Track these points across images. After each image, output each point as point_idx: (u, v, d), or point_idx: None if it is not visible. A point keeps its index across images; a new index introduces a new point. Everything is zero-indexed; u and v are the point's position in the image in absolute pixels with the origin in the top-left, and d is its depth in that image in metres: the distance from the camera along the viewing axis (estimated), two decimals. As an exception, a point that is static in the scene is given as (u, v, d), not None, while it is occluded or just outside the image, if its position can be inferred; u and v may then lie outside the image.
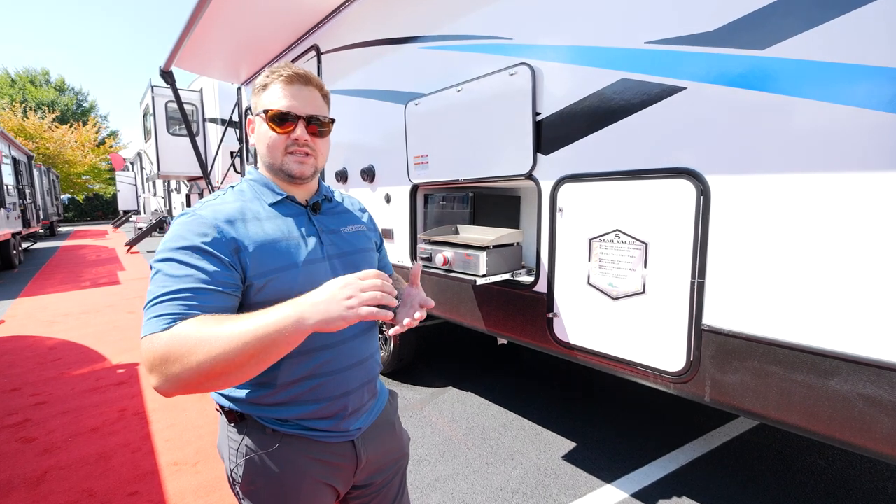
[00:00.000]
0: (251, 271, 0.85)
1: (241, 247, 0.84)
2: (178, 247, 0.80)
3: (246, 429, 0.93)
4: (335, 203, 1.08)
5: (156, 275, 0.79)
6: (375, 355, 1.07)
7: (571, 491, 2.15)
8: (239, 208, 0.89)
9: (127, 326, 4.95)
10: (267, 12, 3.30)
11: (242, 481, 0.93)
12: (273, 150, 0.93)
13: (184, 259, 0.79)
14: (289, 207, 0.96)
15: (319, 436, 0.94)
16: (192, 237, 0.81)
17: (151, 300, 0.76)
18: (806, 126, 1.23)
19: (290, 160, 0.93)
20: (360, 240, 1.06)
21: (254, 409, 0.92)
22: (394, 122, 2.75)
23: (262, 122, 0.93)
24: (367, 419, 1.03)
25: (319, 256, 0.94)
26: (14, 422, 2.83)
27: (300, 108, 0.91)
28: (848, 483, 2.20)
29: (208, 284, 0.78)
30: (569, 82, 1.81)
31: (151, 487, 2.17)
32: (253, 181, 0.97)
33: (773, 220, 1.30)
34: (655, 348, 1.62)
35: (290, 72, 0.92)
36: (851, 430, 1.21)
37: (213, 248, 0.81)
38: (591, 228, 1.79)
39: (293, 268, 0.89)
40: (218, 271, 0.80)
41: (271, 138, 0.92)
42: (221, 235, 0.82)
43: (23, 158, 11.65)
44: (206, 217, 0.84)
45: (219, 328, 0.71)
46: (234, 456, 0.94)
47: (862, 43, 1.12)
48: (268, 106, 0.91)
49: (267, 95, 0.92)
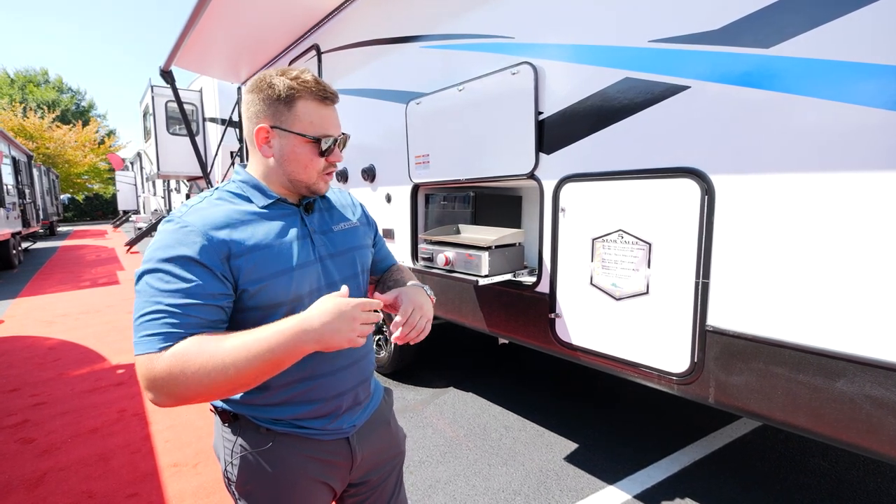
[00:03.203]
0: (243, 278, 0.82)
1: (231, 254, 0.81)
2: (165, 257, 0.77)
3: (240, 429, 0.93)
4: (326, 200, 1.06)
5: (143, 286, 0.77)
6: (369, 355, 1.07)
7: (574, 492, 2.13)
8: (227, 212, 0.85)
9: (127, 327, 4.94)
10: (267, 11, 3.29)
11: (237, 481, 0.93)
12: (309, 171, 0.91)
13: (171, 270, 0.76)
14: (280, 209, 0.93)
15: (314, 433, 0.94)
16: (178, 247, 0.77)
17: (141, 315, 0.75)
18: (812, 125, 1.22)
19: (323, 181, 0.95)
20: (353, 237, 1.04)
21: (248, 410, 0.93)
22: (395, 121, 2.74)
23: (300, 144, 0.89)
24: (361, 417, 1.03)
25: (311, 258, 0.92)
26: (13, 422, 2.82)
27: (338, 131, 0.93)
28: (851, 485, 2.19)
29: (197, 299, 0.76)
30: (571, 81, 1.79)
31: (151, 489, 2.16)
32: (242, 182, 0.93)
33: (779, 220, 1.29)
34: (659, 349, 1.60)
35: (323, 91, 0.89)
36: (858, 432, 1.20)
37: (202, 259, 0.78)
38: (593, 228, 1.77)
39: (286, 273, 0.87)
40: (206, 283, 0.78)
41: (313, 161, 0.91)
42: (210, 243, 0.79)
43: (22, 158, 11.63)
44: (194, 225, 0.80)
45: (222, 356, 0.72)
46: (229, 456, 0.94)
47: (869, 41, 1.11)
48: (309, 131, 0.88)
49: (303, 114, 0.88)
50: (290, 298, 0.88)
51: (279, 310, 0.87)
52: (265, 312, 0.86)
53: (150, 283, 0.76)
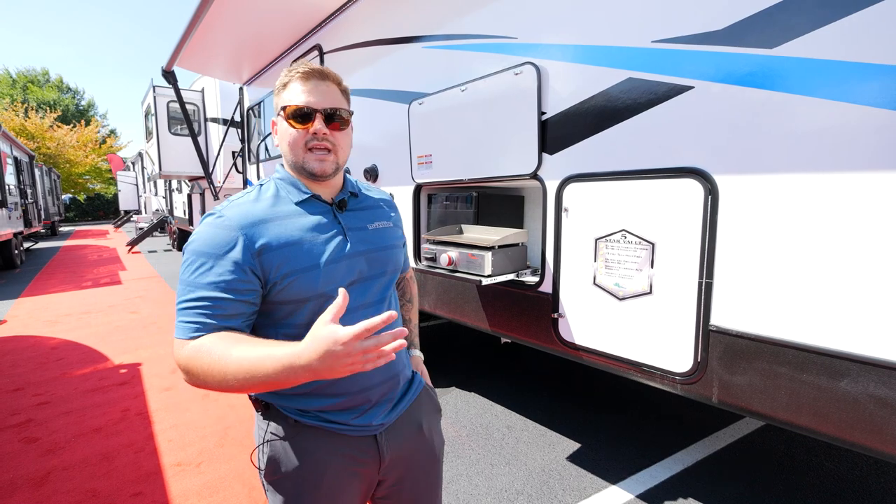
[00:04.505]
0: (273, 272, 0.87)
1: (263, 248, 0.86)
2: (204, 251, 0.85)
3: (270, 417, 0.96)
4: (362, 198, 1.07)
5: (183, 274, 0.86)
6: (399, 352, 1.04)
7: (576, 492, 2.14)
8: (264, 208, 0.91)
9: (129, 326, 4.95)
10: (269, 12, 3.30)
11: (266, 469, 0.96)
12: (294, 147, 0.93)
13: (207, 264, 0.84)
14: (314, 206, 0.96)
15: (340, 428, 0.94)
16: (216, 243, 0.85)
17: (180, 302, 0.85)
18: (817, 125, 1.22)
19: (310, 158, 0.93)
20: (387, 236, 1.05)
21: (276, 399, 0.95)
22: (397, 121, 2.74)
23: (282, 120, 0.94)
24: (391, 415, 1.01)
25: (343, 255, 0.94)
26: (17, 422, 2.83)
27: (317, 103, 0.92)
28: (855, 484, 2.19)
29: (227, 293, 0.83)
30: (575, 81, 1.80)
31: (155, 488, 2.17)
32: (280, 179, 0.98)
33: (783, 220, 1.29)
34: (662, 349, 1.61)
35: (306, 68, 0.93)
36: (862, 431, 1.20)
37: (236, 255, 0.84)
38: (596, 228, 1.78)
39: (314, 269, 0.89)
40: (237, 279, 0.84)
41: (291, 135, 0.93)
42: (245, 238, 0.85)
43: (24, 158, 11.66)
44: (232, 219, 0.87)
45: (224, 364, 0.76)
46: (260, 441, 0.97)
47: (873, 41, 1.11)
48: (286, 103, 0.93)
49: (286, 94, 0.94)
50: (317, 294, 0.89)
51: (306, 305, 0.89)
52: (293, 307, 0.90)
53: (188, 273, 0.85)
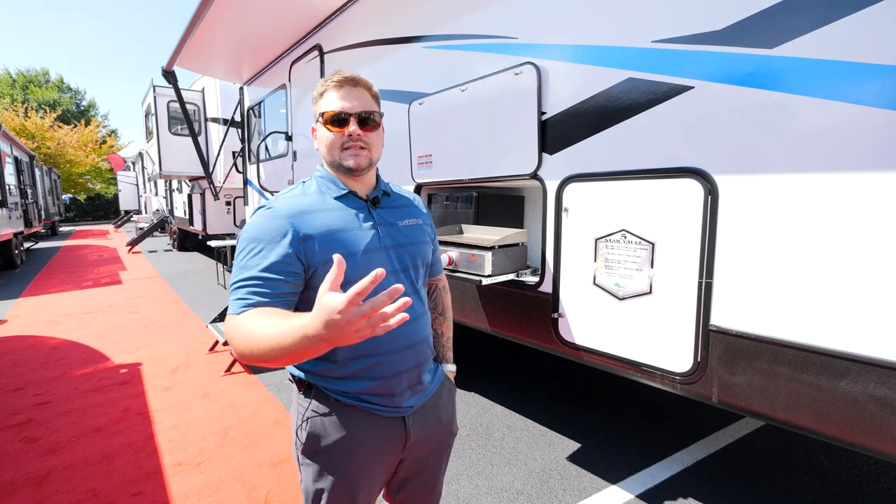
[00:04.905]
0: (316, 258, 0.97)
1: (308, 236, 0.97)
2: (258, 237, 0.96)
3: (313, 395, 1.06)
4: (394, 197, 1.18)
5: (237, 258, 0.97)
6: (428, 340, 1.15)
7: (576, 492, 2.14)
8: (309, 202, 1.03)
9: (129, 326, 4.95)
10: (269, 12, 3.30)
11: (306, 444, 1.04)
12: (332, 148, 1.05)
13: (259, 248, 0.95)
14: (351, 201, 1.07)
15: (376, 409, 1.05)
16: (267, 231, 0.96)
17: (233, 282, 0.95)
18: (816, 125, 1.22)
19: (346, 155, 1.04)
20: (416, 233, 1.16)
21: (321, 381, 1.05)
22: (397, 121, 2.74)
23: (321, 126, 1.06)
24: (419, 399, 1.12)
25: (377, 246, 1.05)
26: (17, 422, 2.83)
27: (351, 108, 1.03)
28: (855, 484, 2.19)
29: (275, 274, 0.94)
30: (574, 81, 1.80)
31: (155, 488, 2.17)
32: (320, 178, 1.10)
33: (783, 220, 1.30)
34: (662, 349, 1.61)
35: (339, 77, 1.04)
36: (862, 431, 1.20)
37: (284, 241, 0.95)
38: (596, 228, 1.78)
39: (352, 256, 0.99)
40: (284, 262, 0.94)
41: (329, 138, 1.05)
42: (292, 227, 0.97)
43: (24, 158, 11.66)
44: (281, 211, 0.99)
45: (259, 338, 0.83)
46: (300, 419, 1.06)
47: (873, 41, 1.11)
48: (324, 109, 1.04)
49: (323, 102, 1.05)
50: (356, 280, 0.90)
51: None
52: None
53: (242, 256, 0.96)
